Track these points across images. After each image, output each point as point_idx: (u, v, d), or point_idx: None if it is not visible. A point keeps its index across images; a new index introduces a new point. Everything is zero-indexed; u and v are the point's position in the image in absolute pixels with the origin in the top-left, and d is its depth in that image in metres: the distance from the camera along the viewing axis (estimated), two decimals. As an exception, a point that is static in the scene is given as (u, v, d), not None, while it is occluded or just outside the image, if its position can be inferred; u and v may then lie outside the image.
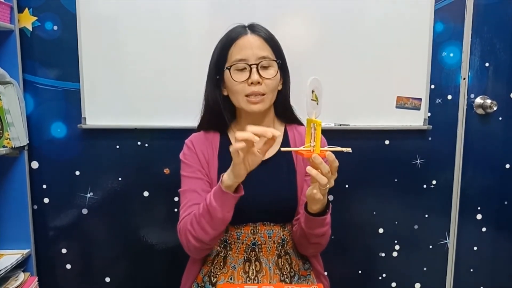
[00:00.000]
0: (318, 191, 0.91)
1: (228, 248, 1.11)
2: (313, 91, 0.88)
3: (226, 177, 0.93)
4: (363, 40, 1.55)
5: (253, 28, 1.08)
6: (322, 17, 1.54)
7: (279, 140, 1.12)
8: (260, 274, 1.08)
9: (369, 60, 1.56)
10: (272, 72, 1.06)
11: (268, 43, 1.07)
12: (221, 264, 1.11)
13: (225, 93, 1.11)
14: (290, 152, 0.88)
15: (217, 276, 1.10)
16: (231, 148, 0.86)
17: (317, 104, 0.90)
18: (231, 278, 1.08)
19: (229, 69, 1.05)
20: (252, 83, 1.03)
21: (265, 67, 1.05)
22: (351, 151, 0.86)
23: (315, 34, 1.55)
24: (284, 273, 1.10)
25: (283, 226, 1.12)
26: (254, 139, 0.84)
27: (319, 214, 0.98)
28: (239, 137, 0.85)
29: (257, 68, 1.03)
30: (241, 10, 1.48)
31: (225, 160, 1.06)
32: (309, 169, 0.87)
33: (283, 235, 1.11)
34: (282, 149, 0.91)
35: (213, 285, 1.09)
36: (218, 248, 1.12)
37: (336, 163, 0.87)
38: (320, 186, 0.89)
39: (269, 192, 1.08)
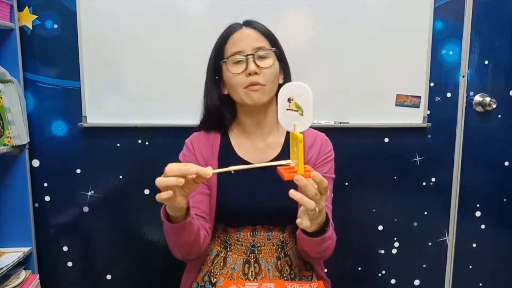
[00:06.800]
0: (302, 219, 0.80)
1: (228, 249, 1.10)
2: (290, 100, 0.76)
3: (168, 209, 0.86)
4: (362, 38, 1.55)
5: (248, 23, 1.08)
6: (321, 15, 1.54)
7: (280, 142, 1.11)
8: (259, 276, 1.07)
9: (369, 58, 1.56)
10: (270, 61, 1.04)
11: (264, 35, 1.06)
12: (221, 264, 1.10)
13: (225, 92, 1.09)
14: (289, 155, 0.82)
15: (217, 276, 1.09)
16: (157, 198, 0.76)
17: (301, 115, 0.75)
18: (230, 279, 1.07)
19: (226, 62, 1.04)
20: (250, 73, 1.01)
21: (262, 58, 1.03)
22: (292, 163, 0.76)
23: (314, 32, 1.55)
24: (284, 275, 1.08)
25: (283, 228, 1.10)
26: (178, 183, 0.73)
27: (318, 232, 0.88)
28: (159, 185, 0.75)
29: (253, 58, 1.02)
30: (241, 9, 1.47)
31: (225, 161, 1.06)
32: (292, 193, 0.75)
33: (282, 237, 1.09)
34: (250, 166, 0.78)
35: (213, 285, 1.09)
36: (219, 248, 1.12)
37: (325, 183, 0.76)
38: (308, 211, 0.79)
39: (268, 197, 1.04)
